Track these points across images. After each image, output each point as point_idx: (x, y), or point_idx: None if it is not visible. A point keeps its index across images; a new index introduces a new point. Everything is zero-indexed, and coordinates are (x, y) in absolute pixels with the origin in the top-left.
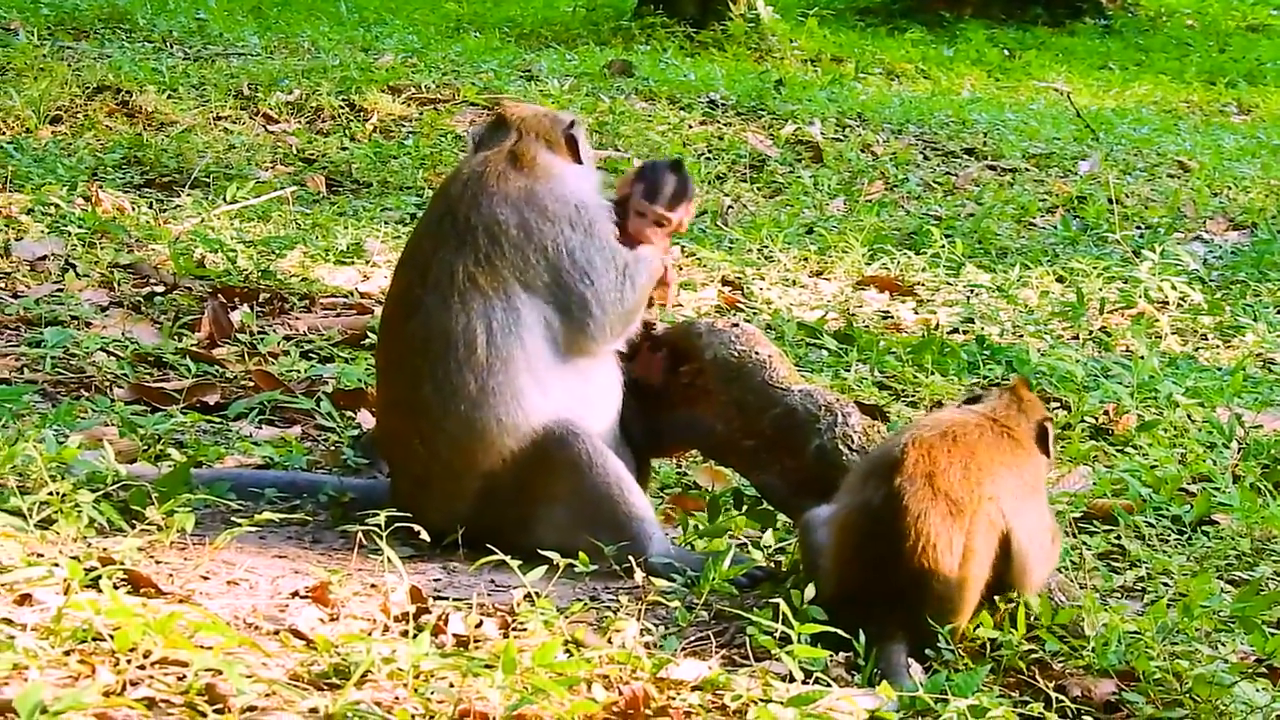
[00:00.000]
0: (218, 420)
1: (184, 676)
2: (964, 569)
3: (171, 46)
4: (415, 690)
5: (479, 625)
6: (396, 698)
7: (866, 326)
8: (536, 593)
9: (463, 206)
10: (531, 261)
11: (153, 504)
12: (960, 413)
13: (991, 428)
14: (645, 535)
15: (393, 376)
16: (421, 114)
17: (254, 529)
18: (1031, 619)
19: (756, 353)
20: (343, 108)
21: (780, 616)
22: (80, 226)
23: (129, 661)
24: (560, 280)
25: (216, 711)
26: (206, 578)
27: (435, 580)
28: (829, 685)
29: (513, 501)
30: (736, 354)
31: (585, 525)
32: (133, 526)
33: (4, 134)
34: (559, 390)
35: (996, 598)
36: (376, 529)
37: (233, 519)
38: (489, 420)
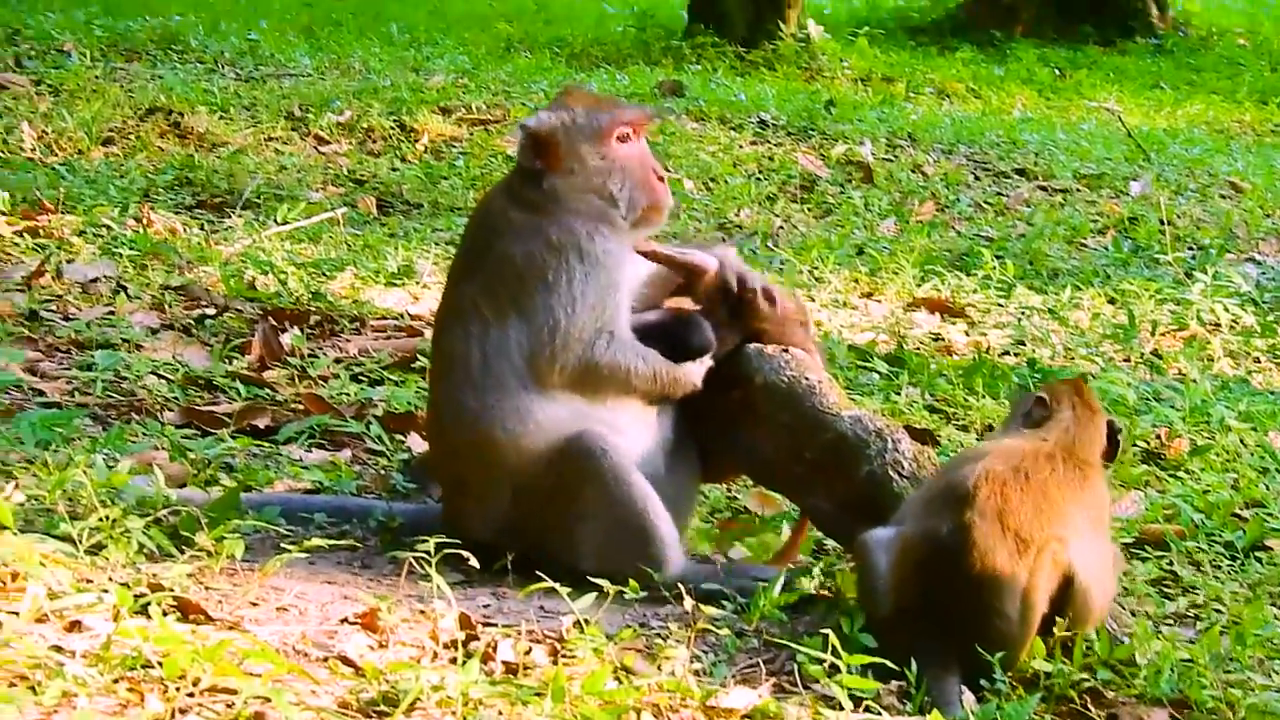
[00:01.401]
0: (268, 444)
1: (233, 704)
2: (1026, 607)
3: (223, 68)
4: (464, 719)
5: (528, 652)
6: None
7: (917, 349)
8: (586, 619)
9: (473, 239)
10: (530, 288)
11: (202, 529)
12: (1032, 443)
13: (1064, 461)
14: (664, 559)
15: (431, 399)
16: (472, 134)
17: (303, 555)
18: (1085, 650)
19: (806, 378)
20: (393, 128)
21: (830, 646)
22: (131, 248)
23: (178, 689)
24: (551, 302)
25: None
26: (256, 604)
27: (484, 607)
28: (880, 714)
29: (543, 514)
30: (786, 379)
31: (608, 542)
32: (182, 552)
33: (57, 155)
34: (580, 406)
35: (1053, 628)
36: (425, 555)
37: (282, 545)
38: (496, 435)
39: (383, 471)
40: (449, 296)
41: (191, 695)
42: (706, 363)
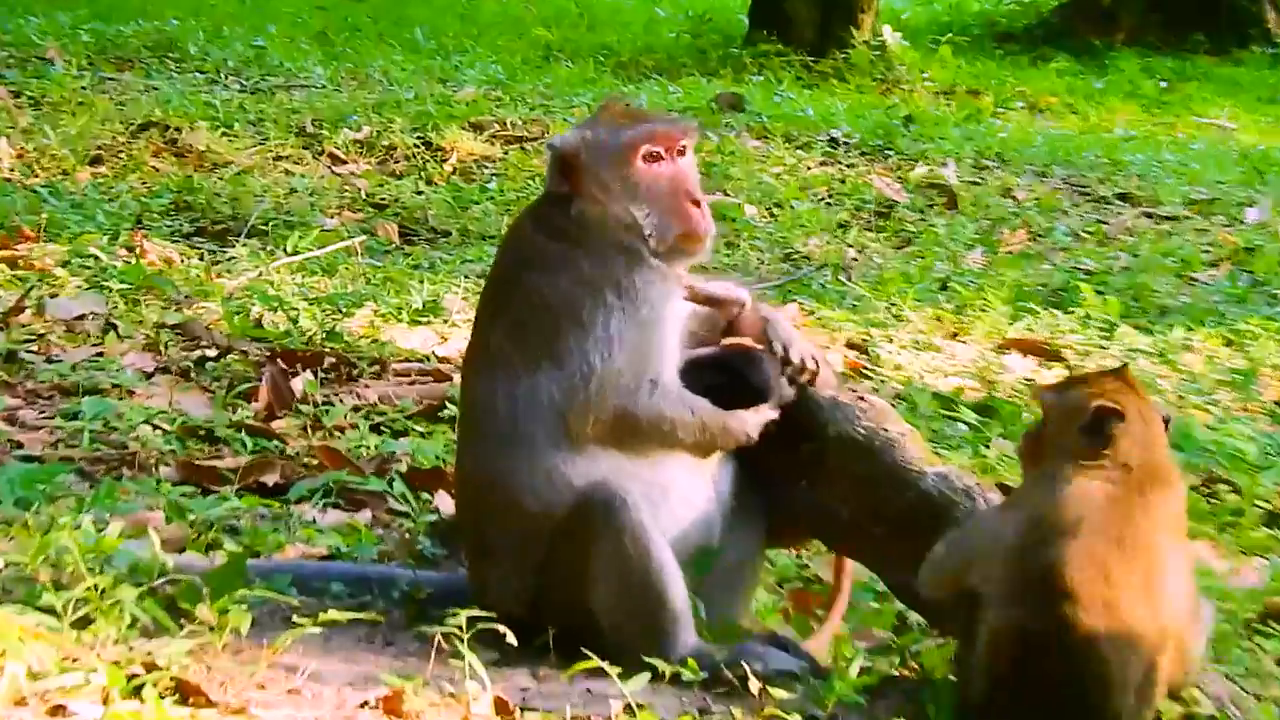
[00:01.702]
0: (277, 504)
1: None
2: (1142, 701)
3: (226, 78)
4: None
5: None
6: None
7: (1009, 396)
8: (637, 704)
9: (501, 274)
10: (564, 328)
11: (204, 601)
12: (1112, 484)
13: (1149, 489)
14: (672, 635)
15: (457, 453)
16: (507, 154)
17: (318, 630)
18: None
19: (885, 429)
20: (418, 146)
21: None
22: (122, 281)
23: None
24: (585, 344)
25: None
26: (264, 686)
27: (523, 689)
28: None
29: (564, 581)
30: (862, 430)
31: (616, 609)
32: (181, 627)
33: (38, 176)
34: (620, 462)
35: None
36: (456, 630)
37: (294, 618)
38: (524, 500)
39: (408, 535)
40: (476, 337)
41: None
42: (767, 412)
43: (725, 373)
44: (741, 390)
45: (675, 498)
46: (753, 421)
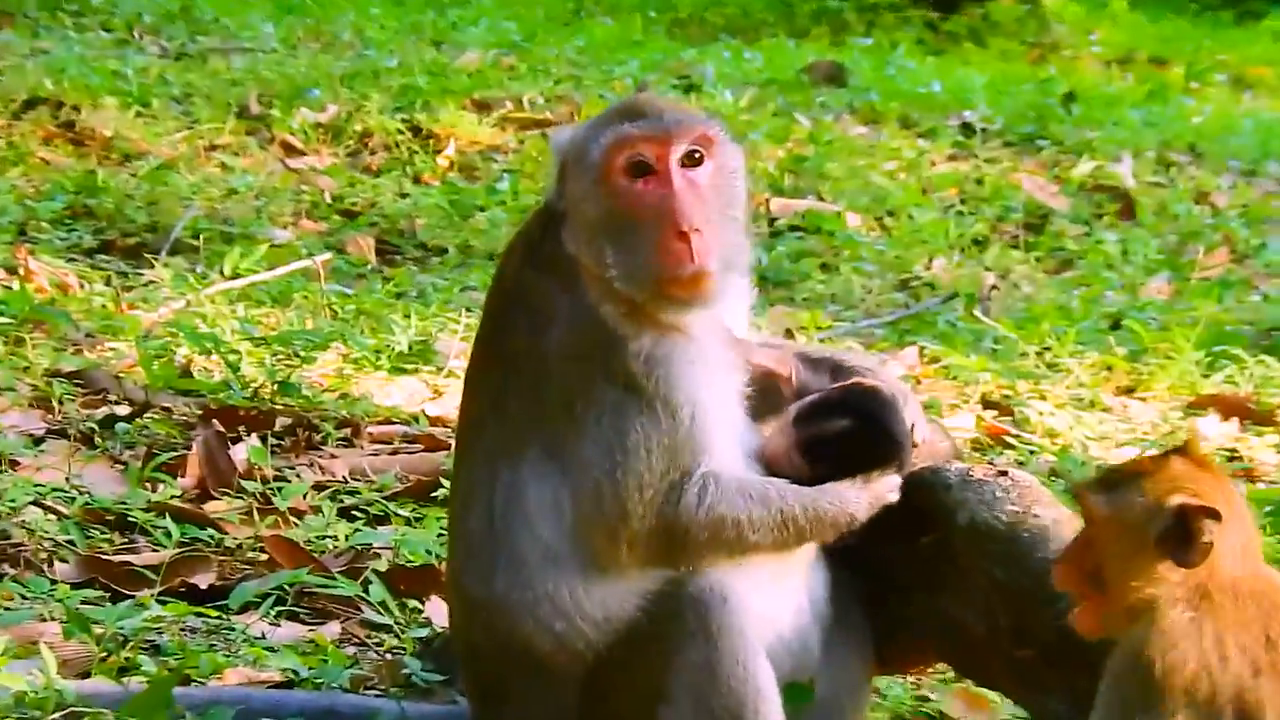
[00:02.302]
0: (214, 613)
1: None
2: None
3: (142, 38)
4: None
5: None
6: None
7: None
8: None
9: (490, 321)
10: (552, 413)
11: None
12: (1224, 615)
13: (1262, 605)
14: None
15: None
16: (523, 143)
17: None
18: None
19: (1035, 515)
20: (402, 133)
21: None
22: (2, 313)
23: None
24: (585, 452)
25: None
26: None
27: None
28: None
29: (618, 705)
30: (1004, 517)
31: None
32: None
33: None
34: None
35: None
36: None
37: None
38: (533, 635)
39: (390, 655)
40: (465, 400)
41: None
42: (886, 481)
43: (844, 414)
44: (860, 443)
45: (756, 613)
46: (862, 499)
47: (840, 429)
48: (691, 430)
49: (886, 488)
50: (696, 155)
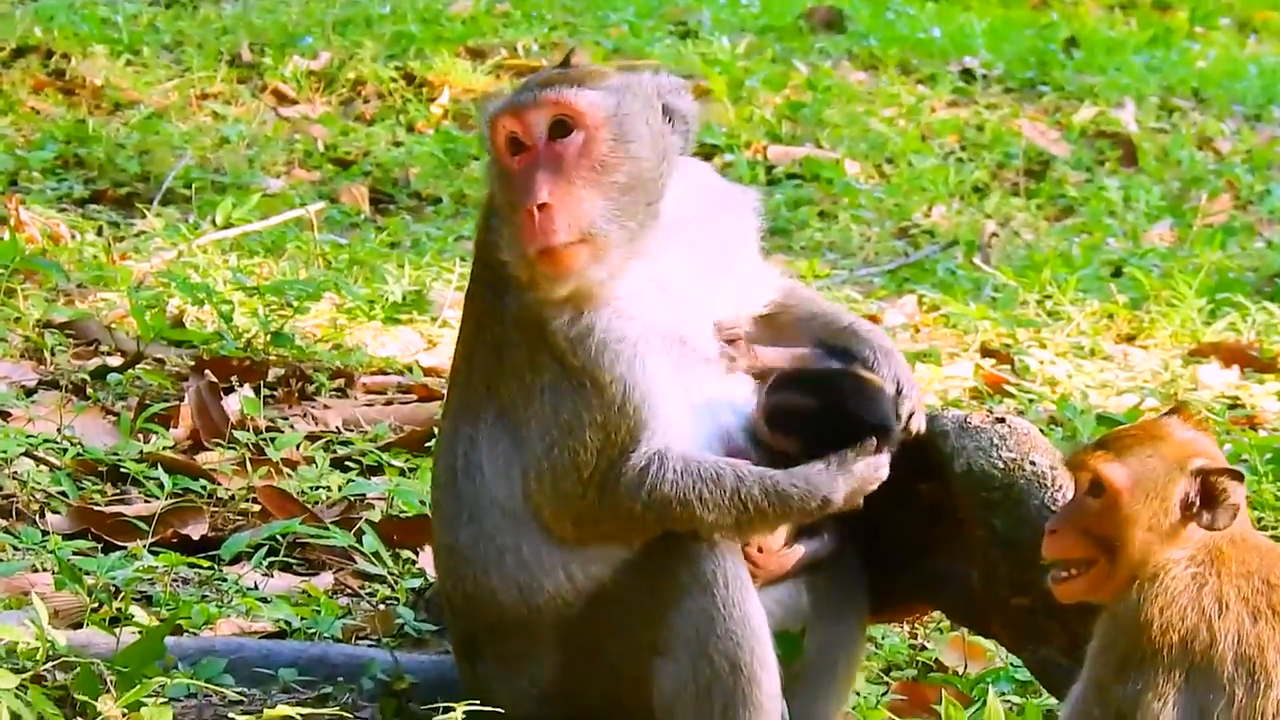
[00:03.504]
0: (206, 563)
1: None
2: None
3: None
4: None
5: None
6: None
7: (1205, 418)
8: None
9: (471, 279)
10: (507, 382)
11: (108, 693)
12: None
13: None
14: None
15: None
16: None
17: None
18: None
19: (1033, 463)
20: (395, 81)
21: None
22: None
23: None
24: (532, 425)
25: None
26: None
27: None
28: None
29: (606, 658)
30: (1001, 464)
31: (685, 691)
32: None
33: None
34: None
35: None
36: None
37: (230, 716)
38: (509, 592)
39: (383, 605)
40: (455, 359)
41: None
42: (870, 464)
43: (813, 394)
44: (842, 424)
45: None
46: (837, 481)
47: (806, 405)
48: (625, 408)
49: (870, 469)
50: (564, 126)
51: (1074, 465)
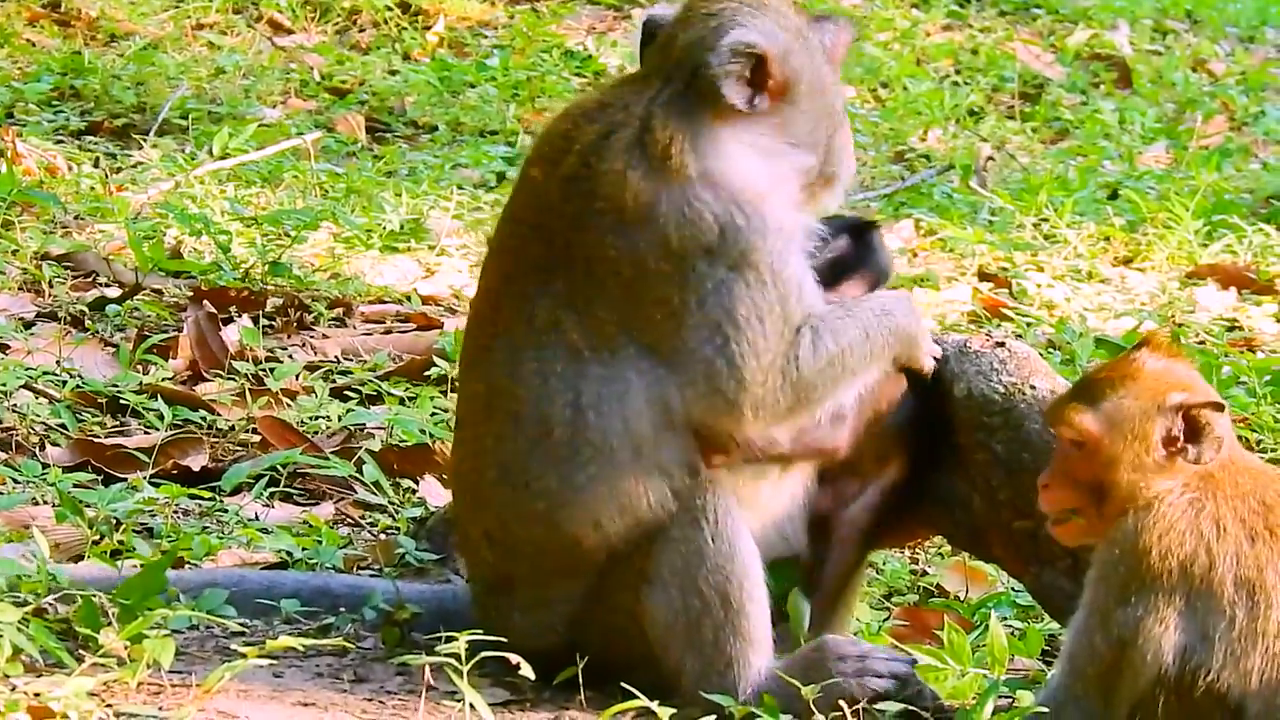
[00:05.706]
0: (207, 494)
1: None
2: None
3: None
4: None
5: None
6: None
7: (1202, 342)
8: None
9: (558, 219)
10: (647, 312)
11: (110, 625)
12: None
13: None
14: (744, 663)
15: (458, 448)
16: (513, 18)
17: (265, 662)
18: None
19: (1032, 386)
20: (390, 9)
21: None
22: None
23: None
24: (689, 340)
25: None
26: None
27: None
28: None
29: (613, 600)
30: (1001, 388)
31: (675, 622)
32: (80, 659)
33: None
34: (677, 464)
35: None
36: (453, 661)
37: (233, 647)
38: (580, 525)
39: (384, 535)
40: (501, 297)
41: None
42: (903, 298)
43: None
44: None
45: (745, 495)
46: (900, 303)
47: (847, 253)
48: (799, 291)
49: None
50: None
51: (1052, 419)
